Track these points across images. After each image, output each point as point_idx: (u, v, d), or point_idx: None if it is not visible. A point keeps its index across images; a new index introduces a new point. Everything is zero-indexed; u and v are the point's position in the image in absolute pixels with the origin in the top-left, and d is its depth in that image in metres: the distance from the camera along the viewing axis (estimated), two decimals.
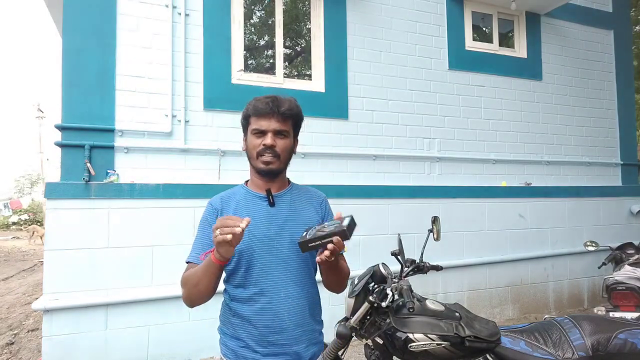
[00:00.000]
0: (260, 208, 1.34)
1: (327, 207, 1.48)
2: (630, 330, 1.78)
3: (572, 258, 4.88)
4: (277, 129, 1.30)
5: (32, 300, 5.47)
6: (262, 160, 1.31)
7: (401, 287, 1.75)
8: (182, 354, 3.27)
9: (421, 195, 4.18)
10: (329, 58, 4.03)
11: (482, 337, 1.74)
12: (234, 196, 1.39)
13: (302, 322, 1.32)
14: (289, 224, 1.34)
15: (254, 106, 1.32)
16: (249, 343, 1.28)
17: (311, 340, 1.36)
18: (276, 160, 1.32)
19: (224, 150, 3.56)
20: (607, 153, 5.32)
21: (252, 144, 1.33)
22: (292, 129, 1.36)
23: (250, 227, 1.26)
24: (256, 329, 1.28)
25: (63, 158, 3.19)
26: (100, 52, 3.29)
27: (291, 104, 1.33)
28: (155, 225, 3.27)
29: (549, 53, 5.04)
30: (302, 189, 1.47)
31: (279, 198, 1.37)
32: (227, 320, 1.35)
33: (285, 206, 1.37)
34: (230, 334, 1.33)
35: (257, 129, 1.31)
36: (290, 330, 1.29)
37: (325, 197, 1.50)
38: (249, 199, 1.37)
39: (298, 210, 1.38)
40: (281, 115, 1.30)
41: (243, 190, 1.41)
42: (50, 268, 3.02)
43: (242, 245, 1.26)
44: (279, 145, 1.31)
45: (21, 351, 3.80)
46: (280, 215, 1.34)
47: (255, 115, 1.32)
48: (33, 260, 10.20)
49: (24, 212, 22.57)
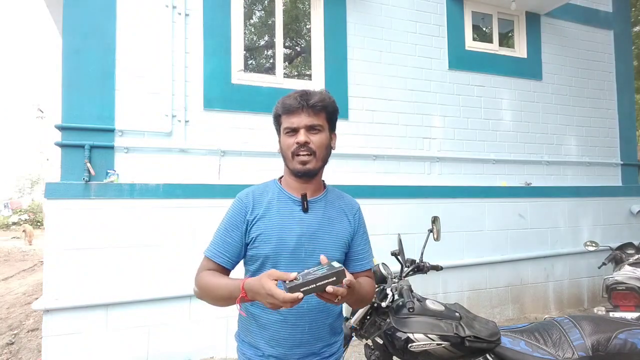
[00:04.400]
0: (292, 212, 1.27)
1: (361, 218, 1.39)
2: (630, 330, 1.78)
3: (572, 258, 4.88)
4: (309, 124, 1.22)
5: (32, 300, 5.46)
6: (298, 160, 1.22)
7: (401, 287, 1.75)
8: (182, 354, 3.27)
9: (421, 195, 4.18)
10: (329, 58, 4.03)
11: (482, 337, 1.74)
12: (267, 193, 1.31)
13: (322, 336, 1.28)
14: (320, 233, 1.27)
15: (283, 103, 1.24)
16: (267, 354, 1.24)
17: (331, 352, 1.31)
18: (313, 159, 1.23)
19: (224, 150, 3.56)
20: (607, 153, 5.32)
21: (286, 144, 1.24)
22: (326, 122, 1.27)
23: (279, 232, 1.23)
24: (275, 340, 1.23)
25: (63, 158, 3.19)
26: (100, 52, 3.29)
27: (322, 95, 1.24)
28: (155, 225, 3.27)
29: (549, 53, 5.04)
30: (338, 195, 1.38)
31: (313, 204, 1.29)
32: (246, 327, 1.31)
33: (319, 213, 1.29)
34: (249, 342, 1.29)
35: (289, 127, 1.23)
36: (310, 344, 1.25)
37: (359, 208, 1.40)
38: (282, 201, 1.28)
39: (331, 219, 1.30)
40: (312, 108, 1.21)
41: (277, 188, 1.32)
42: (50, 268, 3.02)
43: (268, 249, 1.23)
44: (314, 141, 1.22)
45: (21, 351, 3.80)
46: (312, 223, 1.26)
47: (285, 112, 1.24)
48: (33, 260, 10.20)
49: (24, 212, 22.58)
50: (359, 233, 1.36)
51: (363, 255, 1.36)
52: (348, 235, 1.31)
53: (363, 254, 1.36)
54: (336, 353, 1.35)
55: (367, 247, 1.38)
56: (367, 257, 1.37)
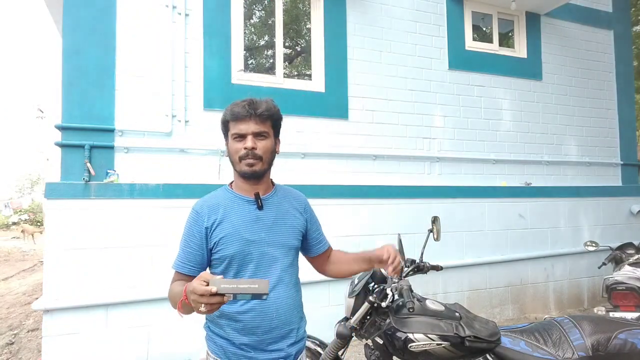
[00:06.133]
0: (248, 211, 1.36)
1: (310, 208, 1.54)
2: (630, 330, 1.78)
3: (572, 258, 4.88)
4: (256, 131, 1.32)
5: (32, 300, 5.47)
6: (245, 164, 1.33)
7: (401, 287, 1.75)
8: (182, 354, 3.27)
9: (421, 195, 4.18)
10: (329, 58, 4.03)
11: (482, 337, 1.74)
12: (220, 200, 1.39)
13: (289, 320, 1.37)
14: (277, 226, 1.38)
15: (231, 111, 1.34)
16: (238, 341, 1.31)
17: (297, 337, 1.40)
18: (259, 162, 1.33)
19: (224, 150, 3.56)
20: (607, 153, 5.32)
21: (234, 148, 1.35)
22: (271, 129, 1.38)
23: (240, 231, 1.32)
24: (245, 328, 1.30)
25: (63, 158, 3.19)
26: (100, 52, 3.29)
27: (268, 104, 1.35)
28: (155, 225, 3.27)
29: (549, 53, 5.04)
30: (286, 191, 1.51)
31: (266, 201, 1.40)
32: (214, 319, 1.37)
33: (273, 209, 1.40)
34: (218, 333, 1.35)
35: (237, 133, 1.33)
36: (278, 329, 1.33)
37: (306, 200, 1.55)
38: (237, 203, 1.38)
39: (285, 212, 1.42)
40: (259, 117, 1.32)
41: (229, 194, 1.41)
42: (50, 268, 3.02)
43: (232, 250, 1.31)
44: (260, 146, 1.33)
45: (21, 351, 3.80)
46: (268, 218, 1.37)
47: (233, 119, 1.34)
48: (33, 260, 10.21)
49: (24, 212, 22.59)
50: (312, 221, 1.52)
51: (320, 238, 1.56)
52: (301, 225, 1.46)
53: (320, 237, 1.56)
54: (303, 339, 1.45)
55: (320, 230, 1.58)
56: (323, 238, 1.58)
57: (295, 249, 1.44)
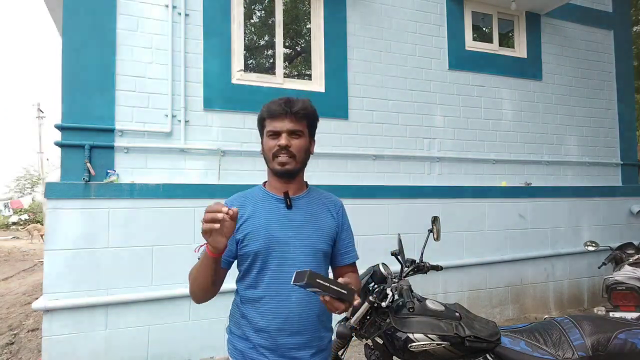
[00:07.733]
0: (277, 210, 1.34)
1: (344, 214, 1.48)
2: (630, 330, 1.78)
3: (572, 258, 4.88)
4: (291, 129, 1.31)
5: (32, 300, 5.46)
6: (278, 162, 1.31)
7: (401, 287, 1.75)
8: (182, 354, 3.27)
9: (421, 196, 4.19)
10: (329, 58, 4.03)
11: (482, 337, 1.74)
12: (252, 197, 1.39)
13: (311, 327, 1.31)
14: (306, 228, 1.34)
15: (268, 108, 1.34)
16: (258, 345, 1.27)
17: (319, 347, 1.34)
18: (292, 161, 1.32)
19: (223, 150, 3.56)
20: (607, 153, 5.32)
21: (268, 145, 1.34)
22: (307, 128, 1.37)
23: (267, 229, 1.30)
24: (265, 332, 1.27)
25: (63, 158, 3.19)
26: (100, 52, 3.29)
27: (304, 104, 1.35)
28: (155, 225, 3.27)
29: (549, 53, 5.04)
30: (320, 194, 1.46)
31: (297, 201, 1.37)
32: (236, 320, 1.35)
33: (303, 210, 1.36)
34: (239, 335, 1.33)
35: (272, 131, 1.33)
36: (299, 335, 1.28)
37: (342, 204, 1.49)
38: (266, 201, 1.36)
39: (315, 214, 1.37)
40: (294, 115, 1.31)
41: (260, 191, 1.40)
42: (50, 268, 3.02)
43: (257, 246, 1.28)
44: (294, 145, 1.32)
45: (21, 351, 3.80)
46: (297, 219, 1.34)
47: (269, 117, 1.34)
48: (33, 260, 10.21)
49: (25, 212, 22.59)
50: (344, 227, 1.44)
51: (349, 248, 1.45)
52: (333, 229, 1.39)
53: (349, 247, 1.45)
54: (325, 350, 1.38)
55: (352, 241, 1.48)
56: (352, 250, 1.46)
57: (324, 254, 1.36)
